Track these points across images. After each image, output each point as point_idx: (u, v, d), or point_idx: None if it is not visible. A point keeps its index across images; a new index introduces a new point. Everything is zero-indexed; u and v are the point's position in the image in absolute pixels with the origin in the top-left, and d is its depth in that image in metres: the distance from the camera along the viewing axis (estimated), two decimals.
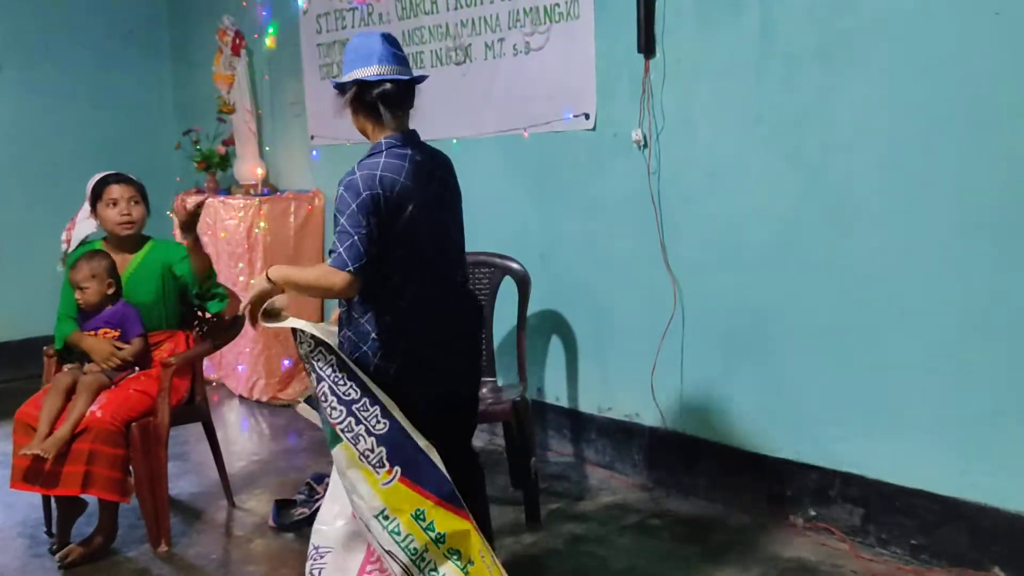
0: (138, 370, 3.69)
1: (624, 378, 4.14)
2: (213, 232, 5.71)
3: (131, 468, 3.51)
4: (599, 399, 4.28)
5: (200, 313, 3.93)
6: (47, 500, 3.75)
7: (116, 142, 6.49)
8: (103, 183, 3.77)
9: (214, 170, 6.09)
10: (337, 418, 2.52)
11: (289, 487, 4.14)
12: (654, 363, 3.95)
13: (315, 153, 5.70)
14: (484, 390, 3.88)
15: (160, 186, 4.10)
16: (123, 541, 3.68)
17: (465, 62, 4.62)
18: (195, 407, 3.91)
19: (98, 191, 3.76)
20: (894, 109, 3.18)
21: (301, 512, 3.79)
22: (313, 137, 5.67)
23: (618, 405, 4.19)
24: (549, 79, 4.22)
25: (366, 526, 2.59)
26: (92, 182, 3.82)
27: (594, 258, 4.19)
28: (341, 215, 2.57)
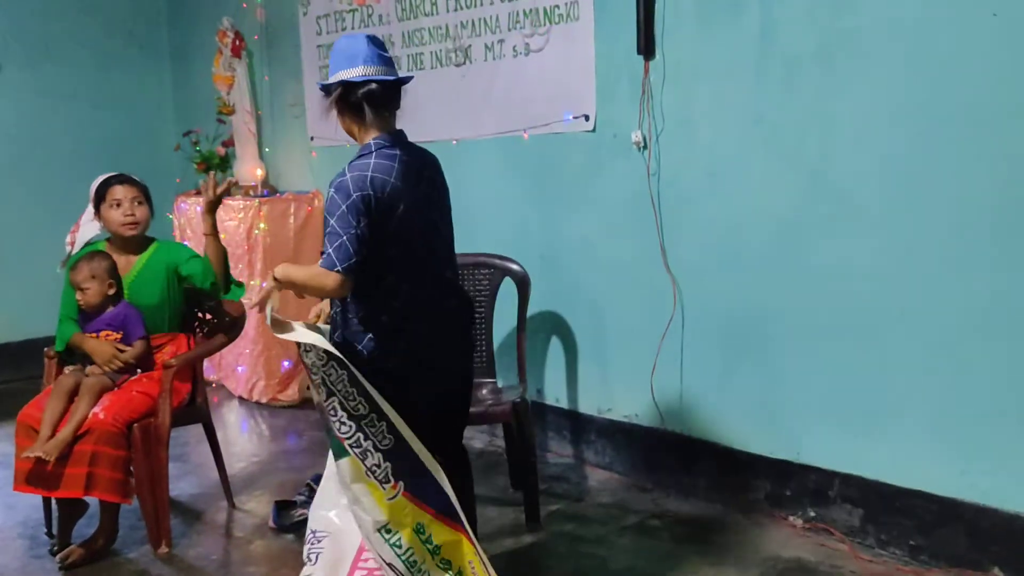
0: (140, 372, 3.68)
1: (624, 379, 4.14)
2: None
3: (132, 469, 3.51)
4: (599, 400, 4.28)
5: (201, 314, 3.94)
6: (47, 501, 3.74)
7: (116, 143, 6.50)
8: (106, 184, 3.77)
9: (214, 171, 6.07)
10: (346, 433, 2.52)
11: (289, 488, 4.14)
12: (654, 364, 3.96)
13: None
14: (484, 391, 3.88)
15: (160, 187, 4.10)
16: (124, 542, 3.68)
17: (465, 63, 4.62)
18: (196, 408, 3.91)
19: (101, 192, 3.76)
20: (893, 110, 3.19)
21: (301, 513, 3.78)
22: (313, 138, 5.67)
23: (618, 406, 4.19)
24: (549, 80, 4.22)
25: (367, 539, 2.60)
26: (95, 184, 3.82)
27: (594, 259, 4.20)
28: (331, 216, 2.57)
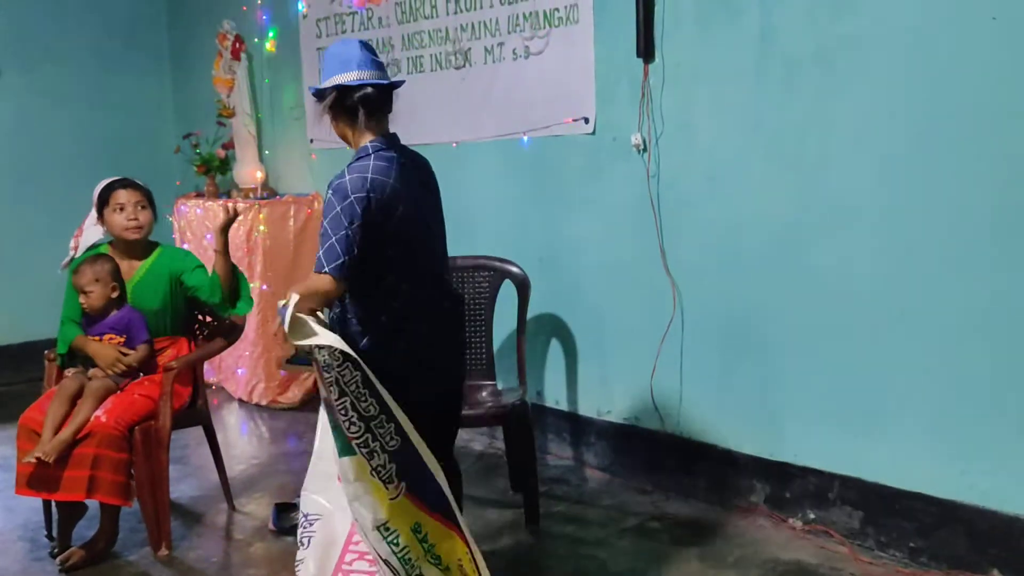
0: (143, 375, 3.68)
1: (624, 381, 4.14)
2: (212, 236, 5.71)
3: (132, 472, 3.51)
4: (599, 402, 4.28)
5: (201, 317, 3.94)
6: (47, 504, 3.74)
7: (116, 145, 6.50)
8: (109, 188, 3.77)
9: (214, 174, 6.08)
10: (355, 433, 2.53)
11: (289, 490, 4.13)
12: (653, 366, 3.96)
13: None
14: (484, 393, 3.89)
15: (160, 189, 4.09)
16: (124, 545, 3.68)
17: (465, 66, 4.63)
18: (196, 410, 3.91)
19: (105, 197, 3.76)
20: (893, 112, 3.19)
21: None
22: (312, 141, 5.68)
23: (617, 408, 4.20)
24: (549, 83, 4.23)
25: (364, 535, 2.63)
26: (98, 188, 3.82)
27: (594, 262, 4.20)
28: (325, 217, 2.61)
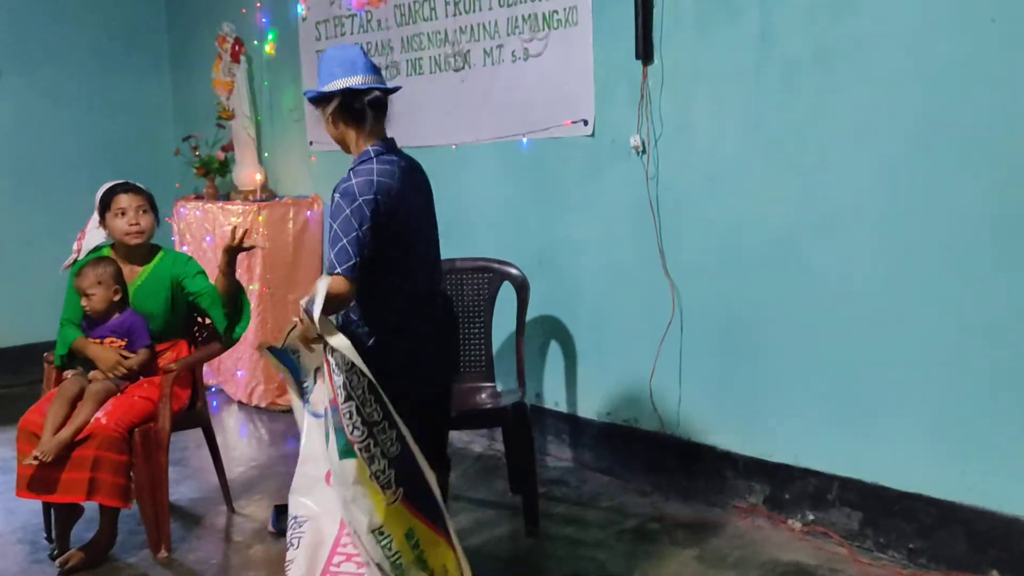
0: (142, 378, 3.68)
1: (623, 383, 4.15)
2: (212, 238, 5.72)
3: (132, 474, 3.51)
4: (598, 404, 4.28)
5: (200, 319, 3.94)
6: (47, 506, 3.73)
7: (115, 147, 6.51)
8: (111, 193, 3.77)
9: (213, 176, 6.09)
10: (358, 437, 2.56)
11: (288, 493, 4.12)
12: (653, 368, 3.97)
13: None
14: (483, 395, 3.89)
15: (159, 191, 4.09)
16: (123, 547, 3.68)
17: (464, 68, 4.63)
18: (195, 412, 3.91)
19: (106, 201, 3.75)
20: (893, 112, 3.20)
21: None
22: (312, 143, 5.68)
23: (617, 410, 4.20)
24: (548, 85, 4.23)
25: (358, 537, 2.66)
26: (100, 192, 3.82)
27: (593, 263, 4.20)
28: (334, 220, 2.63)
